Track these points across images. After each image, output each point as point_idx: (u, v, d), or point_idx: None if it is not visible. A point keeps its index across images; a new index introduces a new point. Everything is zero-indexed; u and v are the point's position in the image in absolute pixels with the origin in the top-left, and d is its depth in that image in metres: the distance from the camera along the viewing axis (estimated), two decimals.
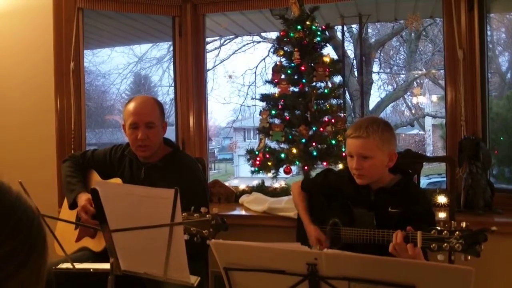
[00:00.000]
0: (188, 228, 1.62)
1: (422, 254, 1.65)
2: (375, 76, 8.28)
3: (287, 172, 2.84)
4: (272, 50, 3.06)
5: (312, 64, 2.79)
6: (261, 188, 3.18)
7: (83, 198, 2.14)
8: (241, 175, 8.93)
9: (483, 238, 1.53)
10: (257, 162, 2.85)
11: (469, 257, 1.54)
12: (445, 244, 1.55)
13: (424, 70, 8.24)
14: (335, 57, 2.95)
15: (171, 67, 3.61)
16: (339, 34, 6.18)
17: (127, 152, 2.31)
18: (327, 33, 2.93)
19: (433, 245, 1.58)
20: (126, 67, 6.32)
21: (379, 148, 1.87)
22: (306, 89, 2.81)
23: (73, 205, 2.20)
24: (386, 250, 1.68)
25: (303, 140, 2.76)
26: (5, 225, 0.60)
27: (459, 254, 1.55)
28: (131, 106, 2.22)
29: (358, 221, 1.92)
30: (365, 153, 1.87)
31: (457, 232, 1.54)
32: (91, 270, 1.71)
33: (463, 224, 1.56)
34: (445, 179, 3.35)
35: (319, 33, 2.85)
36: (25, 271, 0.60)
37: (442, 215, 2.63)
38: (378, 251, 1.70)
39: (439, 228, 1.59)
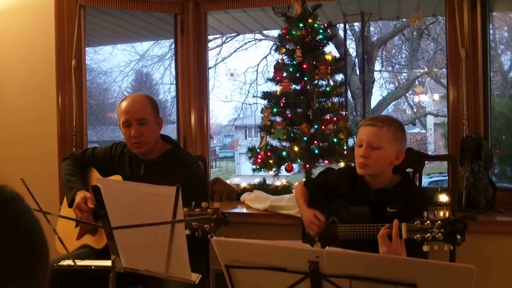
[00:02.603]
0: (190, 223, 1.63)
1: (403, 247, 1.64)
2: (377, 75, 8.26)
3: (289, 170, 2.84)
4: (274, 48, 3.06)
5: (314, 62, 2.79)
6: (263, 186, 3.18)
7: (79, 196, 2.15)
8: (242, 173, 8.93)
9: (463, 226, 1.53)
10: (259, 160, 2.85)
11: (451, 247, 1.54)
12: (428, 234, 1.56)
13: (426, 68, 8.22)
14: (337, 55, 2.94)
15: (173, 65, 3.61)
16: (341, 32, 6.16)
17: (127, 150, 2.32)
18: (329, 31, 2.93)
19: (417, 235, 1.58)
20: (128, 65, 6.31)
21: (390, 141, 1.88)
22: (308, 87, 2.81)
23: (71, 204, 2.20)
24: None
25: (305, 138, 2.76)
26: (15, 227, 0.61)
27: (451, 248, 1.55)
28: (123, 105, 2.24)
29: (354, 218, 1.92)
30: (375, 142, 1.88)
31: (438, 222, 1.55)
32: (93, 267, 1.72)
33: (446, 214, 1.57)
34: (446, 177, 3.35)
35: (321, 31, 2.85)
36: (24, 280, 0.60)
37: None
38: (375, 248, 1.70)
39: (423, 219, 1.59)
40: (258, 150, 2.90)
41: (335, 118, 2.79)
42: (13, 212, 0.61)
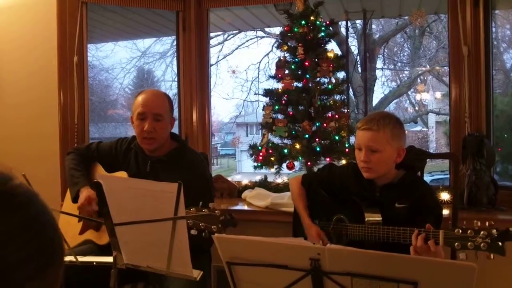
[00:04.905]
0: (197, 223, 1.62)
1: (442, 252, 1.64)
2: (378, 72, 8.25)
3: (290, 167, 2.84)
4: (276, 45, 3.05)
5: (316, 60, 2.79)
6: (264, 184, 3.18)
7: (83, 195, 2.14)
8: (243, 170, 8.92)
9: (511, 237, 1.53)
10: (260, 158, 2.86)
11: (492, 256, 1.54)
12: (470, 243, 1.55)
13: (428, 66, 8.21)
14: (339, 53, 2.94)
15: (175, 62, 3.61)
16: (343, 30, 6.16)
17: (133, 146, 2.31)
18: (331, 28, 2.93)
19: (457, 243, 1.57)
20: (130, 62, 6.31)
21: (389, 142, 1.86)
22: (310, 85, 2.81)
23: (76, 199, 2.20)
24: (394, 248, 1.67)
25: (306, 136, 2.76)
26: (31, 227, 0.60)
27: (480, 253, 1.55)
28: (141, 97, 2.23)
29: (364, 220, 1.91)
30: (374, 146, 1.86)
31: (482, 232, 1.54)
32: (94, 263, 1.72)
33: (487, 223, 1.56)
34: (448, 176, 3.34)
35: (323, 28, 2.85)
36: (41, 279, 0.60)
37: (445, 212, 2.62)
38: (385, 249, 1.69)
39: (463, 227, 1.59)
40: (260, 148, 2.90)
41: (336, 116, 2.79)
42: (29, 213, 0.61)
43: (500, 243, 1.52)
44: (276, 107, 2.87)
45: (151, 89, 2.35)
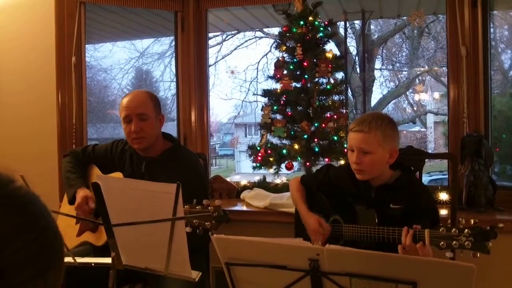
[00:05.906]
0: (191, 220, 1.62)
1: (431, 252, 1.64)
2: (377, 73, 8.25)
3: (289, 168, 2.84)
4: (274, 45, 3.05)
5: (314, 60, 2.79)
6: (263, 184, 3.18)
7: (80, 195, 2.14)
8: (242, 171, 8.92)
9: (494, 235, 1.52)
10: (259, 158, 2.86)
11: (478, 254, 1.53)
12: (454, 242, 1.54)
13: (426, 67, 8.21)
14: (338, 53, 2.94)
15: (173, 62, 3.61)
16: (341, 30, 6.16)
17: (128, 147, 2.31)
18: (329, 29, 2.93)
19: (442, 243, 1.56)
20: (128, 62, 6.29)
21: (380, 144, 1.85)
22: (309, 85, 2.81)
23: (72, 201, 2.20)
24: (389, 248, 1.67)
25: (305, 136, 2.76)
26: (31, 229, 0.60)
27: (466, 251, 1.54)
28: (124, 100, 2.25)
29: (360, 218, 1.92)
30: (365, 148, 1.86)
31: (466, 230, 1.53)
32: (93, 264, 1.72)
33: (471, 221, 1.55)
34: (446, 176, 3.35)
35: (321, 28, 2.85)
36: (41, 281, 0.60)
37: (443, 212, 2.62)
38: (380, 249, 1.69)
39: (448, 225, 1.58)
40: (258, 148, 2.90)
41: (335, 116, 2.79)
42: (29, 215, 0.61)
43: (484, 242, 1.51)
44: (275, 107, 2.87)
45: (134, 90, 2.36)
